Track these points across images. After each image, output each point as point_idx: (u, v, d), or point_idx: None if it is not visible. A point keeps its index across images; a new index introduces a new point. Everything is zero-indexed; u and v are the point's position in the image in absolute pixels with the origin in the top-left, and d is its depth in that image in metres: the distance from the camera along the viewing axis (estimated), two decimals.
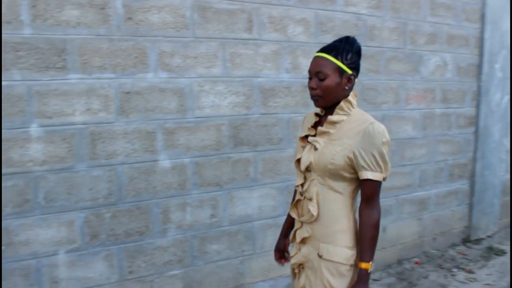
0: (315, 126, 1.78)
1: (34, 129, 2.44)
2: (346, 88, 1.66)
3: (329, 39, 3.27)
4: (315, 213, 1.68)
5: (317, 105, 1.71)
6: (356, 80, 1.69)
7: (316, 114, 1.80)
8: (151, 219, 2.78)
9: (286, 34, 3.11)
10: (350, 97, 1.68)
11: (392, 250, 3.90)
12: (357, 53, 1.68)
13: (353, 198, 1.70)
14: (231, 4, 2.89)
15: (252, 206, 3.11)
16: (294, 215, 1.81)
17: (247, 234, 3.12)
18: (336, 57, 1.63)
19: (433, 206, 4.14)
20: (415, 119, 3.89)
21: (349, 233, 1.67)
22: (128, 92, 2.63)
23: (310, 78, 1.69)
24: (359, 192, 1.68)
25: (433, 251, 4.17)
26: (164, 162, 2.78)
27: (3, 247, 2.42)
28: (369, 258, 1.61)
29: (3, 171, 2.38)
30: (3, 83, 2.34)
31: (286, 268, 2.14)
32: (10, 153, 2.39)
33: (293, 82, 3.17)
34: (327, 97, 1.65)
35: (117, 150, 2.64)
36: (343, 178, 1.65)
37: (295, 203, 1.82)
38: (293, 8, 3.13)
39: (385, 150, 1.59)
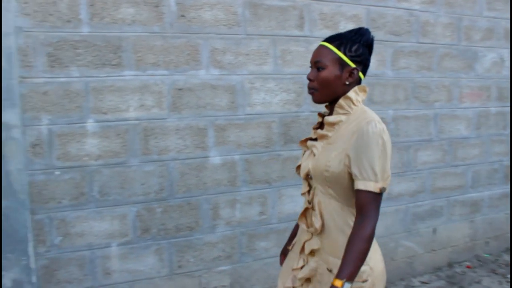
0: (321, 127, 1.61)
1: (90, 124, 2.51)
2: (347, 83, 1.47)
3: (381, 35, 3.21)
4: (317, 225, 1.50)
5: (313, 99, 1.52)
6: (361, 75, 1.50)
7: (320, 115, 1.62)
8: (201, 215, 2.81)
9: (337, 30, 3.06)
10: (351, 93, 1.47)
11: (442, 252, 3.78)
12: (367, 46, 1.49)
13: None
14: (283, 0, 2.87)
15: (301, 204, 3.08)
16: (303, 225, 1.60)
17: None
18: (338, 47, 1.46)
19: (486, 208, 3.98)
20: (468, 118, 3.75)
21: None
22: (180, 89, 2.67)
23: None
24: None
25: (486, 255, 4.02)
26: (215, 159, 2.80)
27: (60, 238, 2.50)
28: (346, 275, 1.32)
29: (62, 164, 2.46)
30: (62, 79, 2.42)
31: None
32: (68, 148, 2.47)
33: None
34: (324, 90, 1.48)
35: (169, 146, 2.68)
36: (343, 187, 1.45)
37: (304, 212, 1.60)
38: (344, 5, 3.07)
39: (382, 154, 1.36)
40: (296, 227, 1.83)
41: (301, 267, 1.60)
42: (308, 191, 1.58)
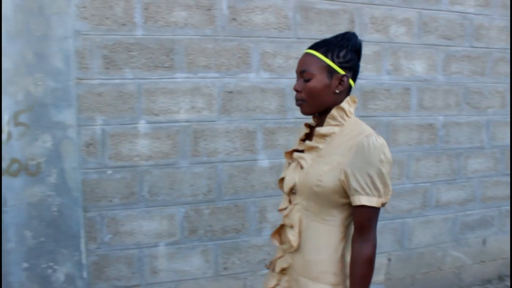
0: (307, 138, 1.50)
1: (142, 125, 2.56)
2: (337, 91, 1.37)
3: (432, 40, 3.14)
4: (294, 244, 1.40)
5: (302, 111, 1.43)
6: (351, 83, 1.41)
7: (307, 125, 1.52)
8: (248, 217, 2.82)
9: (388, 34, 3.02)
10: (344, 104, 1.38)
11: (492, 264, 3.65)
12: (355, 51, 1.40)
13: (345, 226, 1.38)
14: (333, 4, 2.85)
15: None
16: (275, 242, 1.53)
17: None
18: (325, 54, 1.36)
19: None
20: None
21: (334, 269, 1.37)
22: (230, 92, 2.68)
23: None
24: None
25: None
26: (263, 162, 2.80)
27: (110, 236, 2.56)
28: None
29: (113, 163, 2.52)
30: (116, 81, 2.48)
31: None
32: (120, 148, 2.53)
33: (394, 84, 3.07)
34: (313, 101, 1.39)
35: (218, 148, 2.70)
36: (332, 204, 1.35)
37: (279, 228, 1.53)
38: (396, 8, 3.02)
39: (384, 169, 1.28)
40: None
41: (274, 286, 1.54)
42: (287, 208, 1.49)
